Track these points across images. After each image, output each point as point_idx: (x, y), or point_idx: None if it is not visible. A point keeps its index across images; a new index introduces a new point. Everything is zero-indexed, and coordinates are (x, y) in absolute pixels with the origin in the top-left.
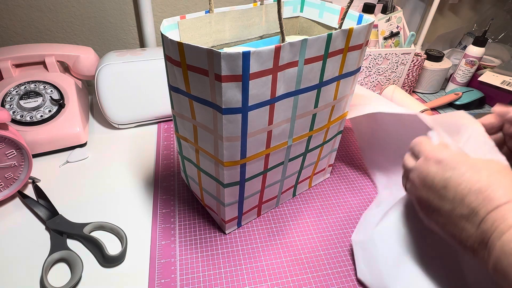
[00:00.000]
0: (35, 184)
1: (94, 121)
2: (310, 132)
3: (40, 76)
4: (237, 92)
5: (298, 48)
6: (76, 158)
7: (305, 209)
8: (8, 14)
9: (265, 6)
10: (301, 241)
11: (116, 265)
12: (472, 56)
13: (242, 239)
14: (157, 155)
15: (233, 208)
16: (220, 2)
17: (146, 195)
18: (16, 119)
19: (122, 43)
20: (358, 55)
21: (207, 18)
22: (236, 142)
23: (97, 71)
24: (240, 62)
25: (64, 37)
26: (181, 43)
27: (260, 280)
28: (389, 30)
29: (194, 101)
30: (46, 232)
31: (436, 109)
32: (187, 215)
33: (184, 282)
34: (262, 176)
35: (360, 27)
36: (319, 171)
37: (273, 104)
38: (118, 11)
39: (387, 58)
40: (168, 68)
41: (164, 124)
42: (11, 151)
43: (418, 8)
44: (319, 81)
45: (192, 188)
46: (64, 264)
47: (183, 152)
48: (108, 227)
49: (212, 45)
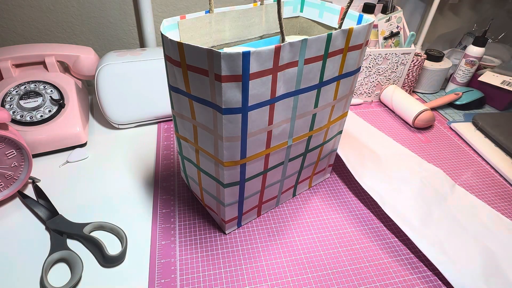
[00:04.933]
0: (35, 184)
1: (94, 121)
2: (310, 132)
3: (40, 76)
4: (237, 92)
5: (298, 48)
6: (76, 158)
7: (305, 209)
8: (8, 14)
9: (265, 6)
10: (301, 241)
11: (116, 265)
12: (472, 56)
13: (242, 239)
14: (157, 155)
15: (233, 208)
16: (220, 2)
17: (146, 195)
18: (16, 119)
19: (122, 43)
20: (358, 55)
21: (207, 18)
22: (236, 142)
23: (97, 71)
24: (240, 62)
25: (64, 37)
26: (181, 43)
27: (260, 280)
28: (389, 30)
29: (194, 101)
30: (46, 232)
31: (436, 109)
32: (187, 215)
33: (184, 282)
34: (262, 176)
35: (360, 27)
36: (319, 171)
37: (273, 104)
38: (118, 11)
39: (387, 58)
40: (168, 68)
41: (164, 124)
42: (11, 151)
43: (418, 8)
44: (319, 81)
45: (192, 188)
46: (64, 264)
47: (183, 152)
48: (108, 227)
49: (212, 45)
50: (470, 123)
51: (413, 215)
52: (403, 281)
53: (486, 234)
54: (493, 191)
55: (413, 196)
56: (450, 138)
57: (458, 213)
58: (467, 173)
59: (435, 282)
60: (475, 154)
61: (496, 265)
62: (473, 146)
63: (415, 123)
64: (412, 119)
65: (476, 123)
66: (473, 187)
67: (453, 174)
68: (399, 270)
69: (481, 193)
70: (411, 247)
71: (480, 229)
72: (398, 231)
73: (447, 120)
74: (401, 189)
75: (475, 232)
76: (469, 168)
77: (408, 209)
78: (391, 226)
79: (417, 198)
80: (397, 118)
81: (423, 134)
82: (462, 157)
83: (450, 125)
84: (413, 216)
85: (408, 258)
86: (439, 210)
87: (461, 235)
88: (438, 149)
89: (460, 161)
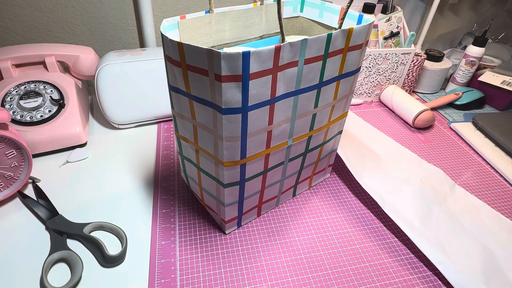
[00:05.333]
0: (35, 184)
1: (94, 121)
2: (310, 132)
3: (40, 76)
4: (237, 92)
5: (298, 48)
6: (76, 158)
7: (305, 209)
8: (8, 14)
9: (265, 6)
10: (301, 241)
11: (116, 265)
12: (472, 56)
13: (242, 239)
14: (157, 155)
15: (233, 208)
16: (220, 2)
17: (146, 195)
18: (16, 119)
19: (122, 43)
20: (358, 55)
21: (207, 18)
22: (236, 142)
23: (97, 71)
24: (240, 62)
25: (64, 37)
26: (181, 43)
27: (260, 280)
28: (389, 30)
29: (194, 101)
30: (46, 232)
31: (436, 109)
32: (187, 215)
33: (184, 282)
34: (262, 176)
35: (360, 27)
36: (319, 171)
37: (273, 104)
38: (118, 11)
39: (387, 58)
40: (168, 68)
41: (164, 124)
42: (11, 151)
43: (418, 8)
44: (319, 81)
45: (192, 188)
46: (64, 264)
47: (183, 152)
48: (108, 227)
49: (212, 45)
50: (470, 123)
51: (413, 215)
52: (403, 281)
53: (486, 234)
54: (493, 191)
55: (413, 196)
56: (450, 138)
57: (458, 213)
58: (467, 173)
59: (435, 282)
60: (475, 154)
61: (496, 265)
62: (473, 146)
63: (415, 123)
64: (412, 119)
65: (476, 123)
66: (473, 187)
67: (453, 174)
68: (399, 270)
69: (481, 193)
70: (411, 247)
71: (480, 229)
72: (398, 231)
73: (447, 120)
74: (401, 189)
75: (475, 232)
76: (469, 168)
77: (408, 209)
78: (391, 226)
79: (417, 198)
80: (397, 118)
81: (423, 134)
82: (462, 157)
83: (450, 125)
84: (413, 216)
85: (408, 258)
86: (439, 210)
87: (461, 235)
88: (438, 149)
89: (460, 161)
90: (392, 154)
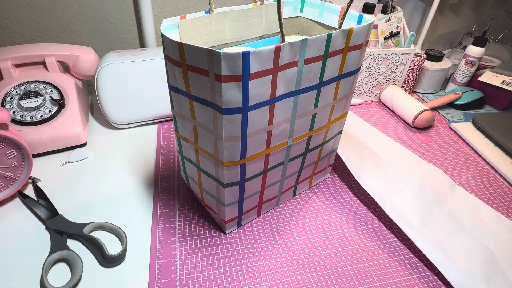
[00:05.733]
0: (35, 184)
1: (94, 121)
2: (310, 132)
3: (40, 76)
4: (237, 92)
5: (298, 48)
6: (76, 158)
7: (305, 209)
8: (8, 14)
9: (265, 6)
10: (301, 241)
11: (116, 265)
12: (472, 56)
13: (242, 239)
14: (157, 155)
15: (233, 208)
16: (220, 2)
17: (146, 195)
18: (16, 119)
19: (122, 43)
20: (358, 55)
21: (207, 18)
22: (236, 142)
23: (97, 71)
24: (240, 62)
25: (64, 37)
26: (181, 43)
27: (260, 280)
28: (389, 30)
29: (194, 101)
30: (46, 232)
31: (436, 109)
32: (187, 215)
33: (184, 282)
34: (262, 176)
35: (360, 27)
36: (319, 171)
37: (273, 104)
38: (118, 11)
39: (387, 58)
40: (168, 68)
41: (164, 124)
42: (11, 151)
43: (418, 8)
44: (319, 81)
45: (192, 188)
46: (64, 264)
47: (183, 152)
48: (108, 227)
49: (212, 45)
50: (470, 123)
51: (413, 215)
52: (403, 281)
53: (486, 234)
54: (493, 191)
55: (413, 196)
56: (450, 138)
57: (458, 213)
58: (467, 173)
59: (435, 282)
60: (475, 154)
61: (496, 265)
62: (473, 146)
63: (415, 123)
64: (412, 119)
65: (476, 123)
66: (473, 187)
67: (453, 174)
68: (399, 270)
69: (481, 193)
70: (411, 247)
71: (480, 229)
72: (398, 231)
73: (447, 120)
74: (401, 189)
75: (475, 232)
76: (469, 168)
77: (408, 209)
78: (391, 226)
79: (417, 198)
80: (397, 118)
81: (423, 134)
82: (462, 157)
83: (450, 125)
84: (413, 216)
85: (408, 258)
86: (439, 210)
87: (461, 235)
88: (438, 149)
89: (460, 161)
90: (392, 154)
